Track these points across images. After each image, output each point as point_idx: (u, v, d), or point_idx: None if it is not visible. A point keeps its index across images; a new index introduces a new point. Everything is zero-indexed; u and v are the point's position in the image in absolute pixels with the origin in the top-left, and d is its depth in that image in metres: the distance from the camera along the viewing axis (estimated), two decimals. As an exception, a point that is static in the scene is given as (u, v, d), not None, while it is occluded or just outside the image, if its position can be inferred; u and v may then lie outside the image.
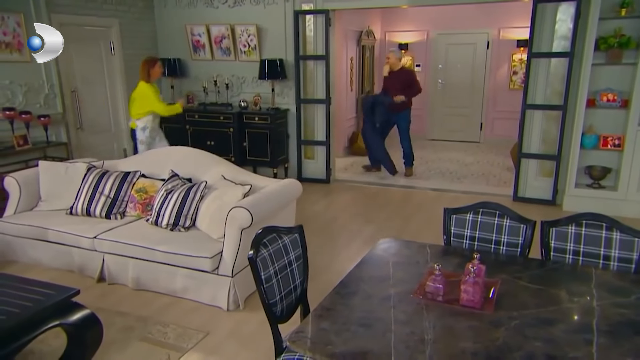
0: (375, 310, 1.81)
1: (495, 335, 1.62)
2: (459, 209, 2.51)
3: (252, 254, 2.01)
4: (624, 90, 4.78)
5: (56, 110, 5.41)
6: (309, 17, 6.14)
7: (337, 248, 4.44)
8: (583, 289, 1.90)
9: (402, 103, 6.61)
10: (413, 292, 1.88)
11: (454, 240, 2.50)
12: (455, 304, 1.81)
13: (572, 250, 2.27)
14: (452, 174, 7.10)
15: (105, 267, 3.63)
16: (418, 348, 1.55)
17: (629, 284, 1.94)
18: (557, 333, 1.62)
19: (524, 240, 2.34)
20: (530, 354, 1.51)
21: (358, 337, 1.64)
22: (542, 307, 1.79)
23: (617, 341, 1.56)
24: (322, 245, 4.37)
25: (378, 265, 2.19)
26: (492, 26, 8.81)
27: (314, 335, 1.66)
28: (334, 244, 4.50)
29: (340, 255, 4.26)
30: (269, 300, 2.04)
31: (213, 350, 2.84)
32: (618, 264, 2.18)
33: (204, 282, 3.32)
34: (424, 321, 1.71)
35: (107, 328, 2.99)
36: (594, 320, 1.68)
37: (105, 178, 3.98)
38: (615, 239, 2.19)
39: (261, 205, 3.37)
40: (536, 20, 5.09)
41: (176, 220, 3.62)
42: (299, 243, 2.29)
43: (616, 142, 4.90)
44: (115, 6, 6.20)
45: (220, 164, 4.11)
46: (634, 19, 4.56)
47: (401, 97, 6.55)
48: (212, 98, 6.80)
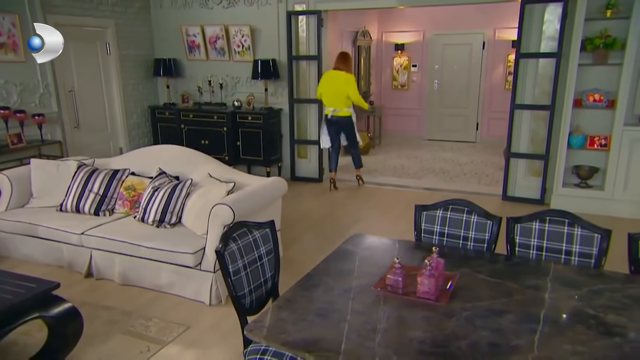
0: (335, 301, 1.87)
1: (446, 325, 1.68)
2: (428, 206, 2.57)
3: (220, 247, 2.08)
4: (610, 91, 4.81)
5: (51, 110, 5.52)
6: (301, 17, 6.21)
7: (325, 244, 4.48)
8: (539, 282, 1.96)
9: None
10: (373, 284, 1.94)
11: (425, 236, 2.56)
12: (413, 295, 1.87)
13: (535, 246, 2.32)
14: (445, 173, 7.14)
15: (93, 262, 3.72)
16: (369, 336, 1.61)
17: (584, 278, 1.99)
18: (505, 323, 1.67)
19: (490, 236, 2.40)
20: (474, 342, 1.57)
21: (313, 326, 1.70)
22: (495, 299, 1.84)
23: (561, 330, 1.61)
24: (310, 242, 4.44)
25: (345, 259, 2.25)
26: (487, 27, 8.85)
27: (271, 324, 1.72)
28: (322, 241, 4.56)
29: (327, 251, 4.30)
30: (237, 292, 2.10)
31: (192, 343, 2.91)
32: (579, 259, 2.23)
33: (187, 278, 3.40)
34: (379, 312, 1.77)
35: (91, 321, 3.09)
36: (542, 311, 1.73)
37: (94, 176, 4.07)
38: (576, 234, 2.24)
39: (244, 202, 3.44)
40: (524, 21, 5.14)
41: (162, 217, 3.69)
42: (270, 238, 2.36)
43: (603, 142, 4.93)
44: (112, 7, 6.30)
45: (208, 162, 4.19)
46: (619, 20, 4.59)
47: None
48: (206, 98, 6.89)
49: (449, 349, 1.55)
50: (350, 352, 1.53)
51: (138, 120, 6.96)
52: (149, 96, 7.12)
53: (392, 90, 9.94)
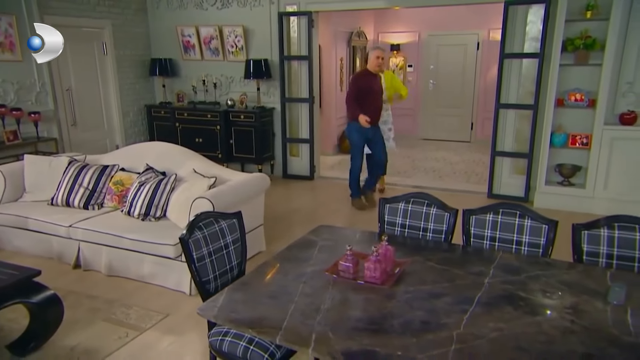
0: (287, 285, 1.99)
1: (385, 305, 1.80)
2: (391, 199, 2.68)
3: (184, 235, 2.21)
4: (591, 90, 4.89)
5: (47, 108, 5.69)
6: (292, 18, 6.34)
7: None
8: (483, 269, 2.06)
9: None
10: (325, 270, 2.06)
11: (388, 227, 2.68)
12: (360, 280, 1.98)
13: (489, 236, 2.43)
14: (436, 172, 7.24)
15: (81, 254, 3.87)
16: (311, 315, 1.73)
17: (526, 265, 2.10)
18: (441, 304, 1.79)
19: (447, 227, 2.51)
20: (408, 320, 1.69)
21: (262, 306, 1.83)
22: (437, 284, 1.96)
23: (490, 311, 1.72)
24: (294, 237, 4.53)
25: (306, 247, 2.37)
26: (482, 28, 8.93)
27: (223, 305, 1.85)
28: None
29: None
30: (201, 278, 2.23)
31: (169, 330, 3.04)
32: (528, 249, 2.34)
33: (169, 269, 3.54)
34: (326, 294, 1.89)
35: (75, 309, 3.24)
36: (478, 294, 1.84)
37: (84, 171, 4.22)
38: (526, 225, 2.35)
39: (224, 196, 3.57)
40: (508, 22, 5.24)
41: (147, 210, 3.84)
42: (236, 228, 2.48)
43: (584, 141, 5.01)
44: (108, 8, 6.47)
45: (194, 158, 4.32)
46: (599, 21, 4.67)
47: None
48: (201, 97, 7.04)
49: (382, 326, 1.66)
50: (290, 329, 1.65)
51: (134, 118, 7.13)
52: (146, 95, 7.28)
53: (388, 90, 10.02)
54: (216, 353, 2.15)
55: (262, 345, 2.00)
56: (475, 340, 1.54)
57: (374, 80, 5.11)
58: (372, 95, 5.08)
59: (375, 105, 5.14)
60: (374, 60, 5.03)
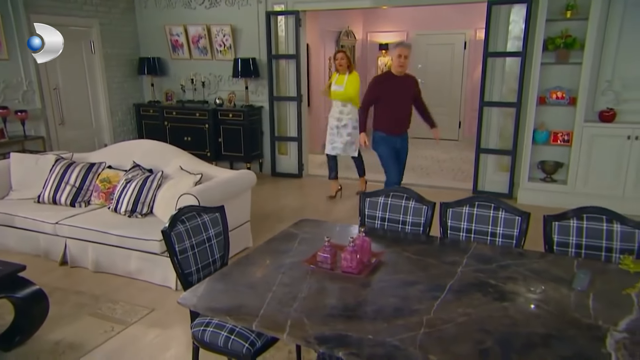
0: (266, 275, 2.05)
1: (360, 294, 1.86)
2: (371, 193, 2.74)
3: (166, 228, 2.26)
4: (572, 88, 4.99)
5: (35, 106, 5.69)
6: (280, 17, 6.39)
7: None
8: (456, 259, 2.13)
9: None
10: (303, 260, 2.12)
11: (368, 221, 2.74)
12: (337, 270, 2.04)
13: (465, 229, 2.50)
14: (423, 169, 7.33)
15: (68, 251, 3.89)
16: (288, 303, 1.79)
17: (498, 255, 2.17)
18: (413, 292, 1.85)
19: (425, 220, 2.57)
20: (380, 307, 1.75)
21: (241, 295, 1.88)
22: (412, 273, 2.02)
23: (460, 298, 1.79)
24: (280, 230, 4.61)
25: (287, 240, 2.42)
26: (468, 27, 9.03)
27: (203, 294, 1.90)
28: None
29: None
30: (184, 270, 2.28)
31: (154, 324, 3.08)
32: (502, 240, 2.41)
33: (155, 264, 3.57)
34: (304, 284, 1.95)
35: (61, 305, 3.27)
36: (450, 282, 1.91)
37: (71, 169, 4.24)
38: (500, 217, 2.42)
39: (209, 192, 3.62)
40: (491, 21, 5.33)
41: (134, 207, 3.87)
42: (219, 222, 2.53)
43: (565, 138, 5.12)
44: (96, 7, 6.48)
45: (181, 156, 4.36)
46: (578, 20, 4.77)
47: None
48: (189, 96, 7.07)
49: (355, 313, 1.72)
50: (267, 316, 1.70)
51: (123, 117, 7.13)
52: (134, 94, 7.29)
53: (377, 90, 10.10)
54: (199, 343, 2.20)
55: (242, 335, 2.06)
56: (443, 325, 1.61)
57: (397, 83, 4.35)
58: (395, 101, 4.38)
59: (400, 112, 4.44)
60: (395, 59, 4.33)
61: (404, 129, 4.58)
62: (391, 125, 4.45)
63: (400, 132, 4.53)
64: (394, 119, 4.45)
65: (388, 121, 4.43)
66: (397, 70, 4.34)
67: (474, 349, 1.48)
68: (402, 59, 4.26)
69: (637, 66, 4.76)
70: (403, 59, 4.26)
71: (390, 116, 4.43)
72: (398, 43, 4.44)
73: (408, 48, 4.33)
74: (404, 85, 4.42)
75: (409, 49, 4.33)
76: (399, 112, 4.46)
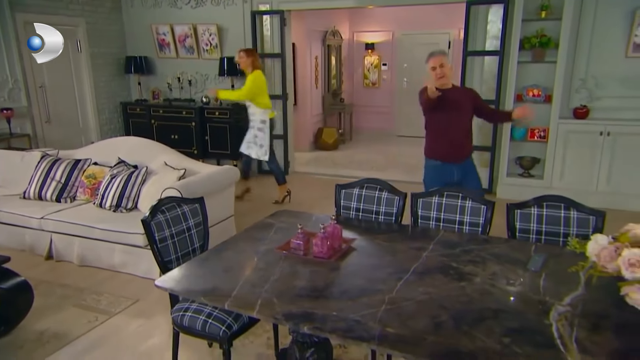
0: (241, 260, 2.15)
1: (329, 276, 1.97)
2: (346, 185, 2.85)
3: (147, 217, 2.35)
4: (548, 86, 5.15)
5: (21, 104, 5.73)
6: (265, 17, 6.49)
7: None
8: (423, 244, 2.25)
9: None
10: (277, 247, 2.22)
11: (343, 211, 2.85)
12: (309, 255, 2.15)
13: (434, 218, 2.62)
14: (408, 166, 7.46)
15: (53, 245, 3.95)
16: (260, 285, 1.89)
17: (464, 242, 2.29)
18: (379, 274, 1.96)
19: (397, 210, 2.69)
20: (347, 288, 1.86)
21: (216, 278, 1.98)
22: (380, 258, 2.14)
23: (422, 279, 1.90)
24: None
25: (263, 229, 2.52)
26: (452, 27, 9.19)
27: (180, 278, 2.00)
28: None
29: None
30: (163, 258, 2.37)
31: (138, 314, 3.17)
32: (469, 228, 2.53)
33: (139, 257, 3.65)
34: (276, 268, 2.05)
35: (46, 297, 3.34)
36: (415, 265, 2.02)
37: (57, 165, 4.30)
38: (467, 207, 2.55)
39: (192, 186, 3.70)
40: (470, 21, 5.47)
41: (119, 202, 3.94)
42: (199, 212, 2.63)
43: (542, 134, 5.27)
44: (82, 6, 6.52)
45: (165, 152, 4.43)
46: (553, 21, 4.93)
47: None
48: (176, 94, 7.14)
49: (322, 293, 1.83)
50: (239, 297, 1.80)
51: (110, 115, 7.18)
52: (121, 92, 7.34)
53: (364, 88, 10.25)
54: (178, 328, 2.30)
55: (219, 319, 2.15)
56: (404, 302, 1.72)
57: (446, 98, 3.24)
58: (446, 119, 3.37)
59: (454, 132, 3.37)
60: (431, 73, 3.36)
61: (464, 154, 3.45)
62: (443, 150, 3.42)
63: (458, 159, 3.41)
64: (446, 142, 3.40)
65: (438, 145, 3.45)
66: (439, 84, 3.29)
67: (429, 322, 1.59)
68: (439, 70, 3.30)
69: (608, 64, 4.93)
70: (439, 69, 3.30)
71: (441, 139, 3.42)
72: (428, 56, 3.39)
73: (440, 56, 3.35)
74: (454, 99, 3.34)
75: (441, 56, 3.35)
76: (453, 132, 3.38)
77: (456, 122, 3.39)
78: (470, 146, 3.53)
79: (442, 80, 3.32)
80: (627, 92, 4.90)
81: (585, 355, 1.38)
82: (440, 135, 3.41)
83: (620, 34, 4.84)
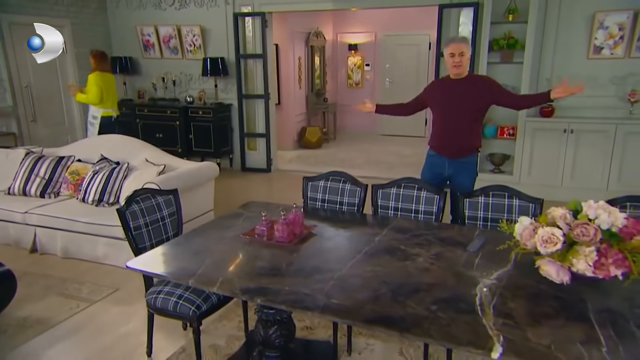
0: (209, 245, 2.33)
1: (287, 258, 2.15)
2: (313, 178, 3.04)
3: (122, 207, 2.52)
4: (516, 86, 5.37)
5: (6, 103, 5.85)
6: (247, 18, 6.67)
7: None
8: (378, 230, 2.44)
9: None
10: (243, 233, 2.40)
11: (310, 203, 3.04)
12: (272, 240, 2.33)
13: (392, 207, 2.82)
14: (386, 164, 7.68)
15: (37, 239, 4.10)
16: (223, 266, 2.07)
17: (415, 228, 2.49)
18: (333, 256, 2.16)
19: (359, 200, 2.89)
20: (302, 267, 2.05)
21: (184, 260, 2.16)
22: (336, 242, 2.33)
23: (370, 259, 2.10)
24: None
25: (232, 218, 2.71)
26: (432, 28, 9.34)
27: (150, 259, 2.18)
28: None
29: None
30: (138, 245, 2.54)
31: (118, 302, 3.33)
32: (424, 216, 2.74)
33: (120, 249, 3.80)
34: (241, 251, 2.23)
35: (30, 287, 3.49)
36: (366, 247, 2.22)
37: (41, 162, 4.44)
38: (422, 197, 2.75)
39: (171, 181, 3.86)
40: (442, 24, 5.69)
41: (101, 196, 4.10)
42: (173, 203, 2.80)
43: (511, 132, 5.51)
44: (67, 7, 6.65)
45: (147, 149, 4.60)
46: (519, 23, 5.17)
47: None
48: (161, 94, 7.29)
49: (279, 272, 2.02)
50: (202, 275, 1.98)
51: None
52: (107, 92, 7.45)
53: (348, 88, 10.46)
54: (152, 310, 2.48)
55: (189, 300, 2.34)
56: (351, 278, 1.91)
57: (453, 88, 3.20)
58: (445, 110, 3.26)
59: (451, 124, 3.26)
60: (448, 60, 3.16)
61: (456, 149, 3.29)
62: (438, 141, 3.37)
63: (450, 153, 3.31)
64: (439, 132, 3.35)
65: (435, 136, 3.40)
66: (453, 72, 3.17)
67: (370, 294, 1.79)
68: (457, 58, 3.09)
69: (572, 65, 5.18)
70: (458, 57, 3.08)
71: (438, 130, 3.36)
72: (448, 40, 3.22)
73: (462, 43, 3.12)
74: (461, 91, 3.16)
75: (463, 43, 3.12)
76: (450, 124, 3.26)
77: (453, 117, 3.22)
78: (468, 145, 3.29)
79: (458, 70, 3.13)
80: (589, 92, 5.12)
81: (498, 318, 1.58)
82: (437, 126, 3.37)
83: (582, 36, 5.10)
